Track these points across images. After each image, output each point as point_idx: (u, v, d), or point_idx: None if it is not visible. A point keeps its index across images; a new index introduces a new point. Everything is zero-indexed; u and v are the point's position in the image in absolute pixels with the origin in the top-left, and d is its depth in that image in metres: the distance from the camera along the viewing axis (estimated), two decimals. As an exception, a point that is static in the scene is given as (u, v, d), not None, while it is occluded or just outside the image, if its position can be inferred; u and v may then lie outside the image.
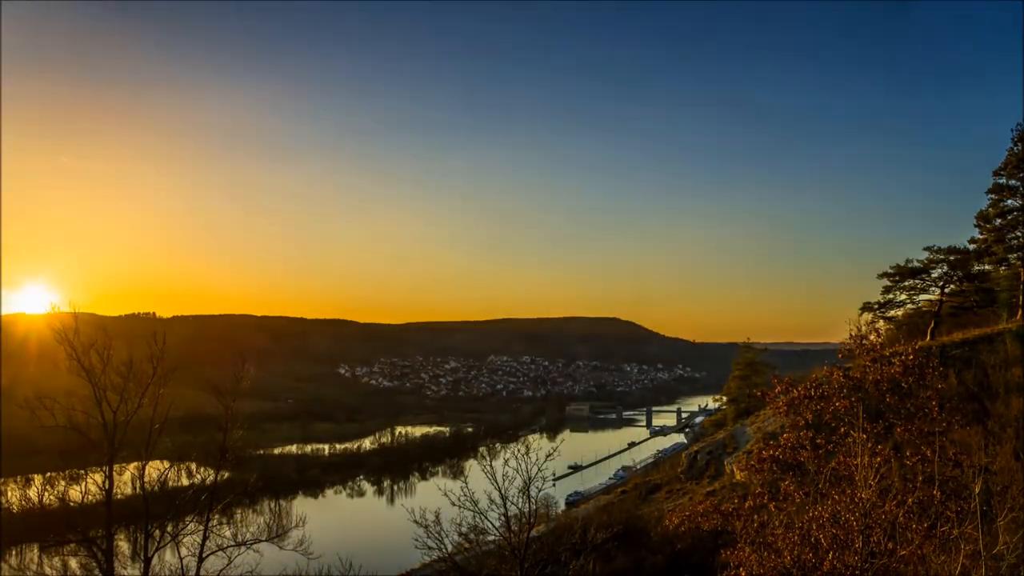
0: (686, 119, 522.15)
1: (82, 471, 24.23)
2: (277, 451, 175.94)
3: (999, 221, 51.77)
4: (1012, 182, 50.23)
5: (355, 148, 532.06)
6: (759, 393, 35.29)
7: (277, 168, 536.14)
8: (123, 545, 25.15)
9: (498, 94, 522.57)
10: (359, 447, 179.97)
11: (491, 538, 30.90)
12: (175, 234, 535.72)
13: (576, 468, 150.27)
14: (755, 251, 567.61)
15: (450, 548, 30.50)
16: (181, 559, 23.87)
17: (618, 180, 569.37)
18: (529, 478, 28.59)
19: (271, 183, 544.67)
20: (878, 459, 19.76)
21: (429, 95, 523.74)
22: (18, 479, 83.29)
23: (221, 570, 23.96)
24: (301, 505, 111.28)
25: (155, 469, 25.25)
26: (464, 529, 31.21)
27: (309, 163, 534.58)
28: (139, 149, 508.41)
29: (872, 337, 32.25)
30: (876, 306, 57.78)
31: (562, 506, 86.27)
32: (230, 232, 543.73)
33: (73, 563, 23.99)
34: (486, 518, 29.35)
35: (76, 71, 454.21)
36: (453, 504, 29.72)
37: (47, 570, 25.63)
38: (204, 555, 23.54)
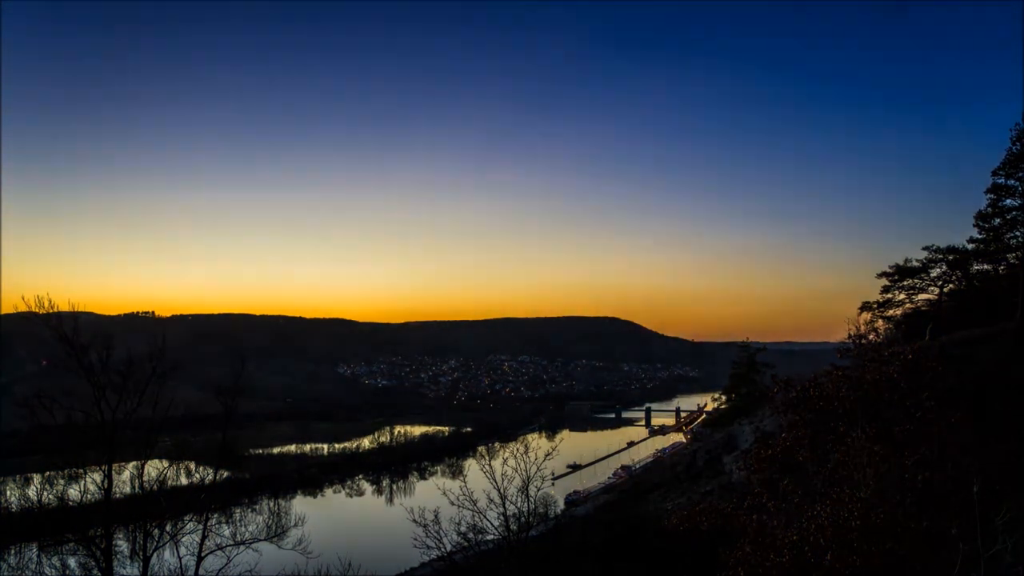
0: (687, 119, 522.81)
1: (81, 470, 24.22)
2: (276, 450, 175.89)
3: (998, 221, 51.69)
4: (1011, 182, 50.11)
5: (356, 147, 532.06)
6: (758, 393, 35.33)
7: (277, 165, 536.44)
8: (122, 544, 25.11)
9: (498, 92, 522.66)
10: (358, 447, 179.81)
11: (490, 537, 30.89)
12: (175, 233, 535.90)
13: (575, 467, 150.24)
14: (755, 251, 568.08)
15: (449, 547, 30.47)
16: (180, 558, 23.88)
17: (618, 180, 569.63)
18: (528, 477, 28.60)
19: (271, 180, 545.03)
20: (876, 459, 19.77)
21: (430, 92, 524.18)
22: (17, 478, 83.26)
23: (220, 569, 23.96)
24: (300, 504, 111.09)
25: (154, 468, 25.25)
26: (463, 528, 31.20)
27: (308, 160, 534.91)
28: (138, 149, 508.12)
29: (871, 336, 32.28)
30: (875, 306, 57.76)
31: (562, 505, 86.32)
32: (230, 231, 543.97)
33: (72, 562, 23.98)
34: (485, 517, 29.35)
35: (76, 70, 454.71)
36: (452, 503, 29.71)
37: (46, 569, 25.59)
38: (203, 554, 23.55)
